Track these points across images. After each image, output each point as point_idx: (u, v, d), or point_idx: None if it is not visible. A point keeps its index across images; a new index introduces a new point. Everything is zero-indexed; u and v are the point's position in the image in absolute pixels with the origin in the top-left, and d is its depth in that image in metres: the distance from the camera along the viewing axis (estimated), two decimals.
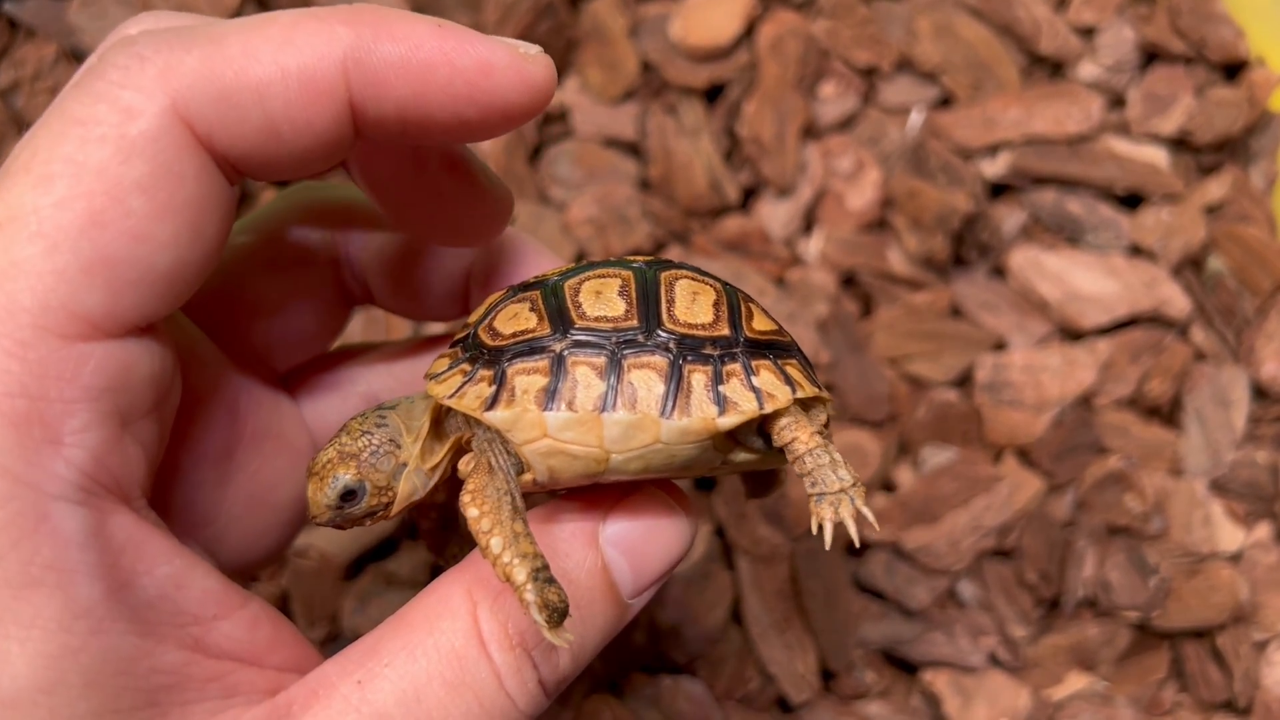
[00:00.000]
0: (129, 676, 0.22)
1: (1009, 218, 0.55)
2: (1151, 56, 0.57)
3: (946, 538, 0.49)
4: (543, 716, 0.45)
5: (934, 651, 0.48)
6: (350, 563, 0.48)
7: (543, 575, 0.22)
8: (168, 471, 0.27)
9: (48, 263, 0.21)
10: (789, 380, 0.26)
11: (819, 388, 0.27)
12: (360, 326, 0.50)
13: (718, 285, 0.27)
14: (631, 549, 0.25)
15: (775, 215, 0.55)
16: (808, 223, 0.55)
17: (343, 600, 0.47)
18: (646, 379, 0.24)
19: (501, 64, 0.24)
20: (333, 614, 0.47)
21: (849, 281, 0.54)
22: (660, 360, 0.25)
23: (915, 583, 0.49)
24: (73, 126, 0.21)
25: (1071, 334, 0.53)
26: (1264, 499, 0.51)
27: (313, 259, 0.32)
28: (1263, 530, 0.50)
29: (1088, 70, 0.56)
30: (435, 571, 0.48)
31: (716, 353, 0.25)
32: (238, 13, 0.53)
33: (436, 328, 0.50)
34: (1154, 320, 0.53)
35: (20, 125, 0.51)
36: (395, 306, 0.33)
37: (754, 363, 0.26)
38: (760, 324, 0.27)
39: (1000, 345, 0.53)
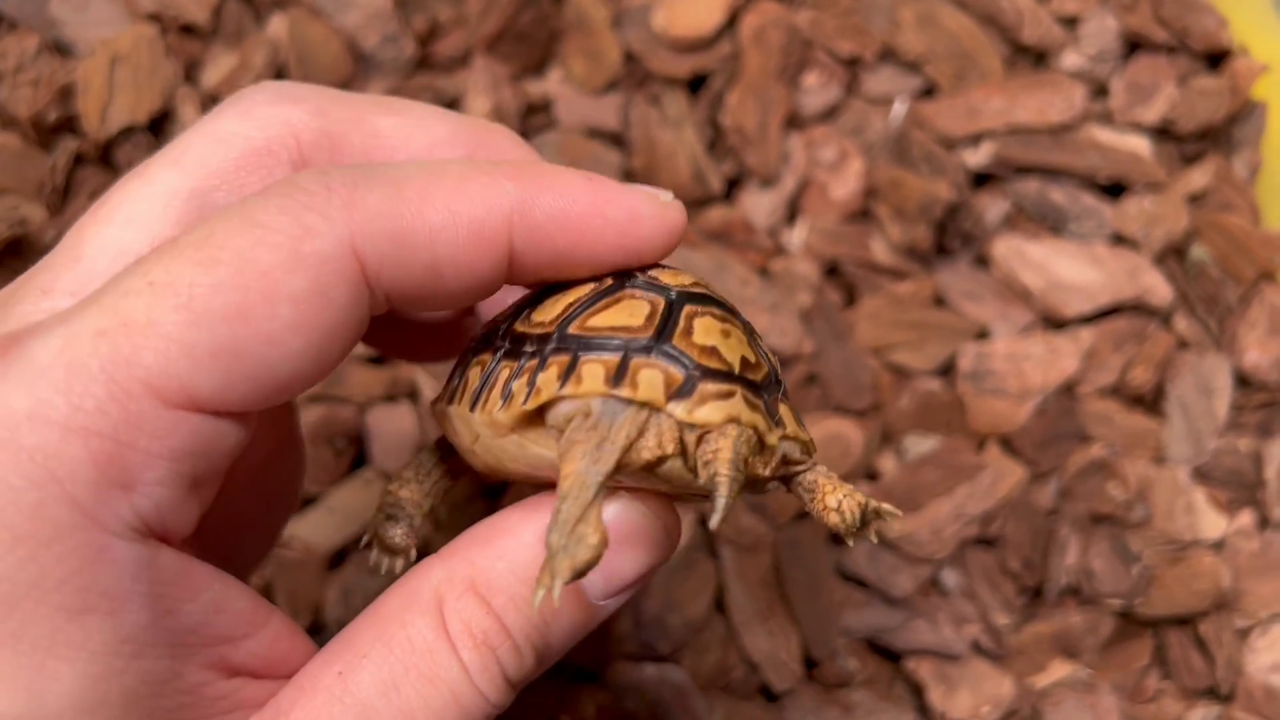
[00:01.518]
0: (159, 697, 0.23)
1: (992, 207, 0.55)
2: (1134, 46, 0.57)
3: (929, 526, 0.49)
4: (526, 707, 0.45)
5: (917, 640, 0.48)
6: (333, 553, 0.48)
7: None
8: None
9: (182, 335, 0.21)
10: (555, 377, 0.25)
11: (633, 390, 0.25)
12: None
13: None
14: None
15: (759, 205, 0.55)
16: (791, 213, 0.55)
17: (326, 590, 0.47)
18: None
19: (647, 214, 0.26)
20: (316, 604, 0.47)
21: (832, 271, 0.54)
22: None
23: (898, 571, 0.49)
24: (252, 227, 0.22)
25: (1054, 323, 0.53)
26: (1246, 487, 0.51)
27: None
28: (1245, 518, 0.50)
29: (1070, 60, 0.56)
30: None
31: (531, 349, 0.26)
32: (217, 11, 0.53)
33: None
34: (1137, 309, 0.53)
35: (2, 117, 0.51)
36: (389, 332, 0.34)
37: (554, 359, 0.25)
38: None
39: (983, 334, 0.53)
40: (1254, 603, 0.49)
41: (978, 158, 0.55)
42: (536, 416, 0.25)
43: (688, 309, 0.25)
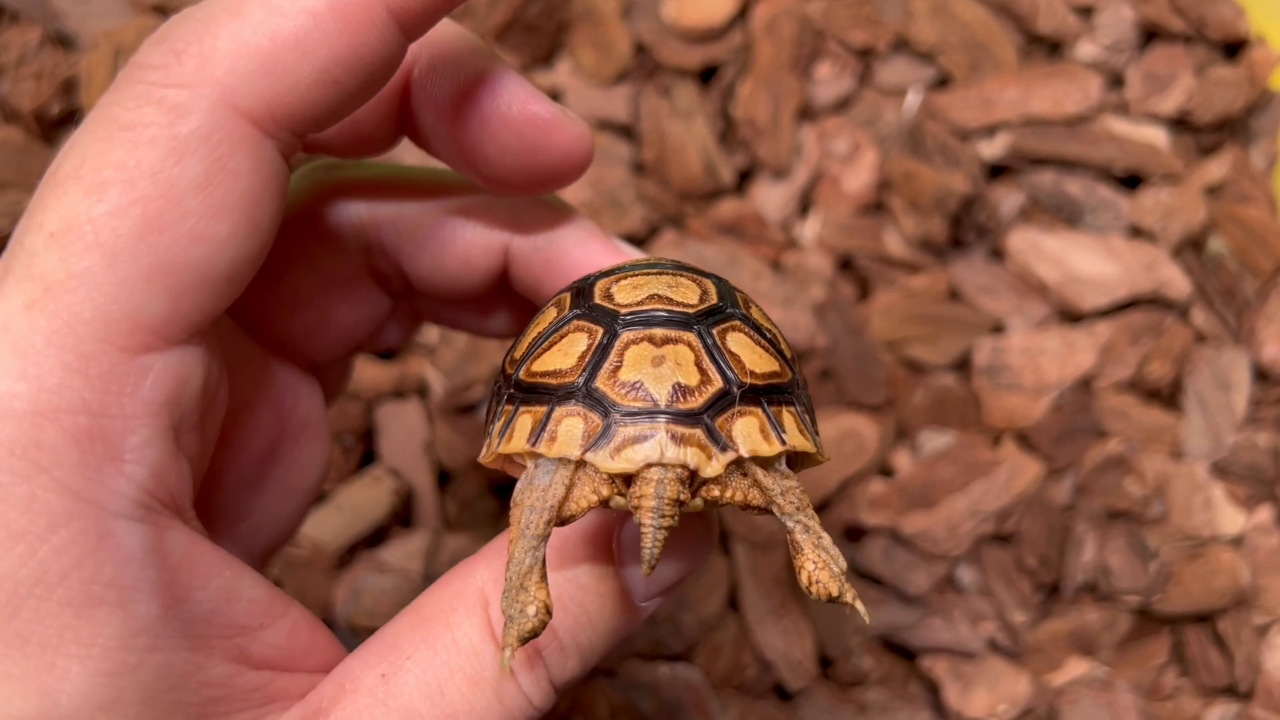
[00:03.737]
0: (181, 691, 0.22)
1: (1007, 199, 0.54)
2: (1150, 35, 0.56)
3: (945, 523, 0.48)
4: None
5: (933, 638, 0.48)
6: (342, 551, 0.47)
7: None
8: (212, 474, 0.27)
9: (108, 273, 0.20)
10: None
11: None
12: None
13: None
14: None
15: (771, 198, 0.54)
16: (804, 205, 0.55)
17: (334, 589, 0.47)
18: None
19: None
20: (325, 603, 0.47)
21: (846, 265, 0.54)
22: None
23: (914, 568, 0.48)
24: (120, 131, 0.21)
25: (1070, 316, 0.53)
26: (1265, 482, 0.50)
27: (341, 245, 0.31)
28: (1264, 513, 0.50)
29: (1086, 50, 0.56)
30: (430, 561, 0.47)
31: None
32: None
33: None
34: (1154, 302, 0.53)
35: (5, 111, 0.50)
36: (430, 289, 0.33)
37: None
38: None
39: (999, 328, 0.53)
40: (1273, 599, 0.48)
41: (992, 149, 0.54)
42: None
43: (624, 338, 0.24)
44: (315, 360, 0.32)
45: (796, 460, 0.26)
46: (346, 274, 0.31)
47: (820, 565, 0.24)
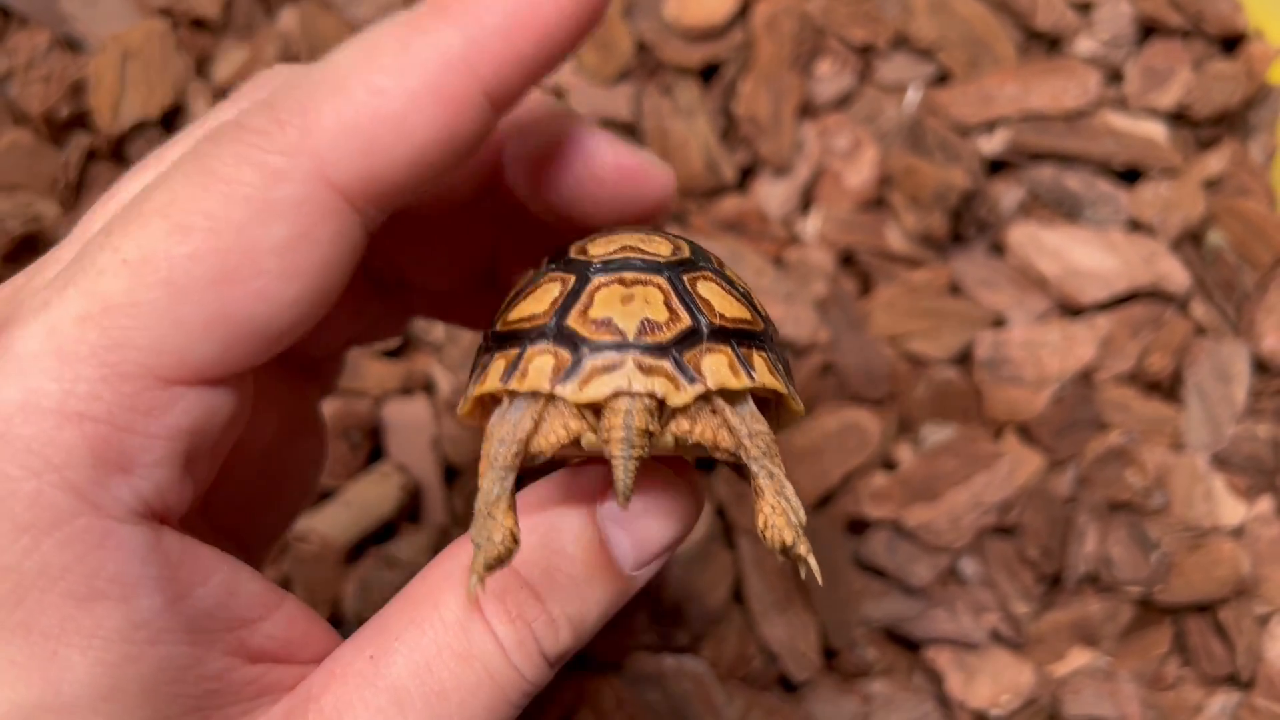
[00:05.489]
0: (181, 684, 0.22)
1: (1007, 194, 0.54)
2: (1149, 30, 0.57)
3: (947, 515, 0.48)
4: (546, 697, 0.45)
5: (936, 629, 0.48)
6: (351, 546, 0.48)
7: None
8: (217, 479, 0.28)
9: (171, 310, 0.21)
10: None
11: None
12: None
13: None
14: (630, 522, 0.25)
15: (772, 195, 0.55)
16: (805, 202, 0.55)
17: (344, 584, 0.47)
18: None
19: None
20: (334, 598, 0.47)
21: (847, 260, 0.54)
22: None
23: (916, 560, 0.49)
24: (216, 183, 0.21)
25: (1071, 310, 0.53)
26: (1265, 473, 0.51)
27: None
28: (1264, 504, 0.50)
29: (1085, 45, 0.56)
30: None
31: None
32: (228, 5, 0.53)
33: None
34: (1154, 295, 0.53)
35: (14, 113, 0.51)
36: (420, 281, 0.33)
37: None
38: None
39: (999, 322, 0.53)
40: (1273, 589, 0.49)
41: (992, 145, 0.55)
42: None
43: (595, 282, 0.25)
44: (310, 356, 0.33)
45: (776, 418, 0.26)
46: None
47: (778, 511, 0.24)
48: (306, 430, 0.34)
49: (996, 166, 0.56)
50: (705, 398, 0.24)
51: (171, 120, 0.51)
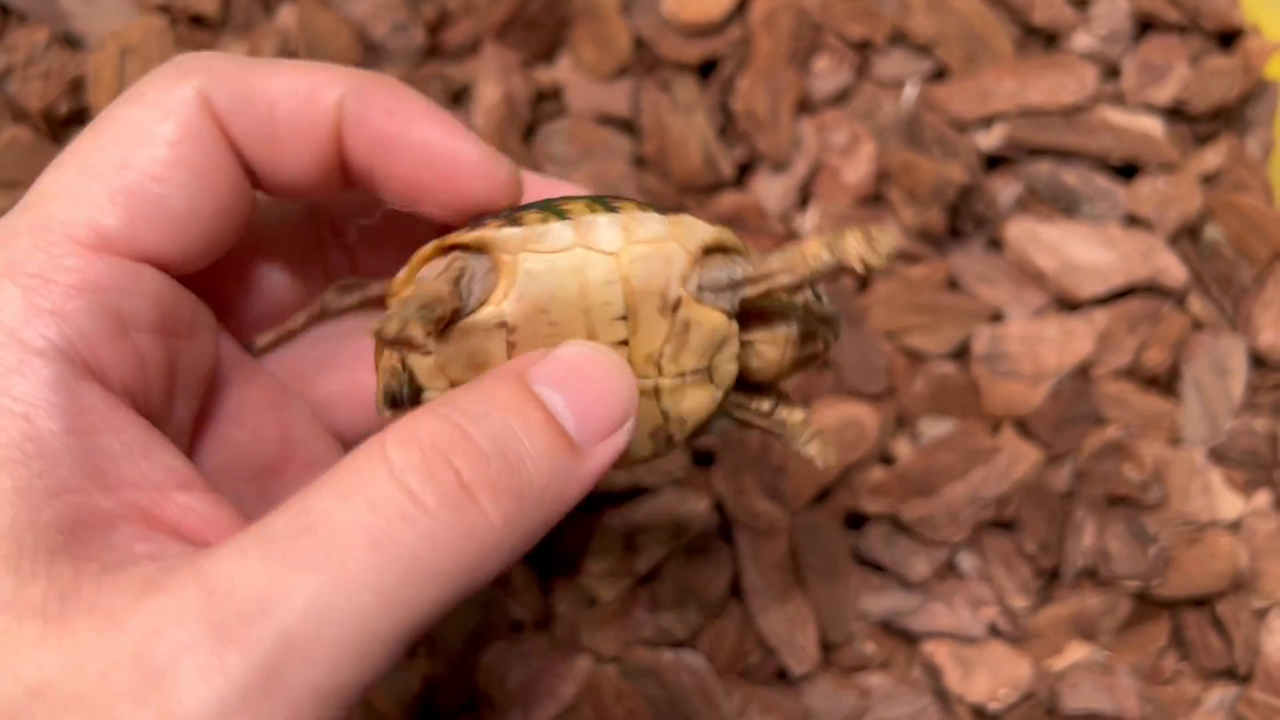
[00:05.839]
0: (58, 505, 0.23)
1: (1004, 189, 0.55)
2: (1146, 26, 0.57)
3: (945, 509, 0.49)
4: (541, 694, 0.45)
5: (934, 623, 0.48)
6: None
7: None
8: (213, 473, 0.30)
9: (82, 189, 0.26)
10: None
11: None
12: None
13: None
14: (564, 383, 0.25)
15: (771, 190, 0.55)
16: (803, 197, 0.55)
17: None
18: None
19: (468, 153, 0.29)
20: None
21: None
22: None
23: (914, 554, 0.49)
24: (130, 96, 0.27)
25: (1068, 304, 0.53)
26: (1262, 467, 0.51)
27: (287, 208, 0.33)
28: (1262, 498, 0.50)
29: (1082, 41, 0.56)
30: None
31: None
32: (226, 2, 0.53)
33: None
34: (1151, 290, 0.53)
35: (14, 110, 0.51)
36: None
37: None
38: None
39: (997, 317, 0.53)
40: (1271, 583, 0.49)
41: (990, 140, 0.55)
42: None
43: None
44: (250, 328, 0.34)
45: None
46: (287, 234, 0.34)
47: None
48: (310, 430, 0.34)
49: (994, 162, 0.56)
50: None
51: None
